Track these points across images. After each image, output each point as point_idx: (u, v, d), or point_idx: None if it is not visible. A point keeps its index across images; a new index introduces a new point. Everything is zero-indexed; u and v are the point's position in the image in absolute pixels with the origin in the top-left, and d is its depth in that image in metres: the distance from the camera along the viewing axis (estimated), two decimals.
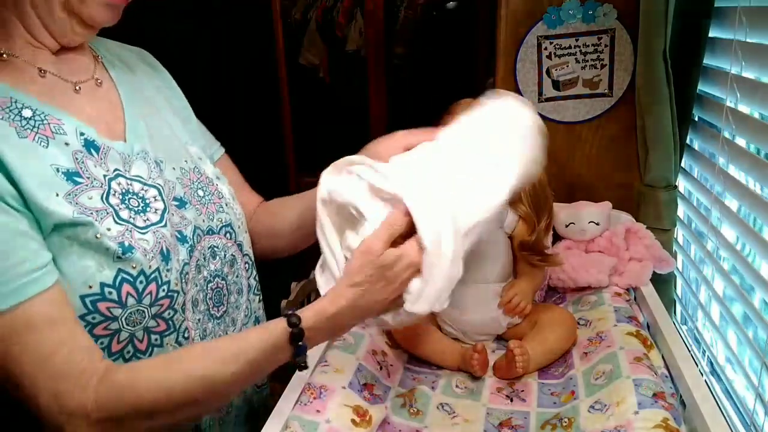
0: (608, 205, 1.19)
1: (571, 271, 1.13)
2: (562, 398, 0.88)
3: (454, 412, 0.88)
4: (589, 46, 1.24)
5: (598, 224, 1.17)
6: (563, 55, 1.25)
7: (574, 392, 0.87)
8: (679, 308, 1.27)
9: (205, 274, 0.82)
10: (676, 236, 1.24)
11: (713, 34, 1.07)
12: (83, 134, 0.73)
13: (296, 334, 0.70)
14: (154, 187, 0.77)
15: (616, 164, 1.29)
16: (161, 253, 0.73)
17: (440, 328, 1.05)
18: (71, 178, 0.69)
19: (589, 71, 1.25)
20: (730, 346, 1.01)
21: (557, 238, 1.22)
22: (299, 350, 0.71)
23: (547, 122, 1.28)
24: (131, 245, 0.70)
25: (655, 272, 1.13)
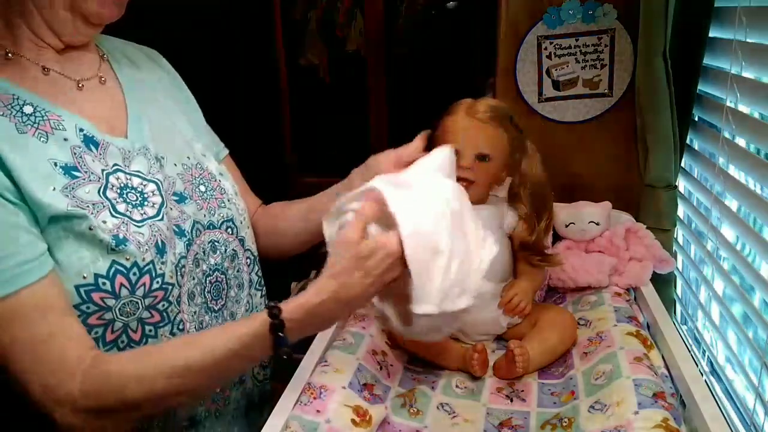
0: (608, 205, 1.19)
1: (571, 271, 1.13)
2: (562, 398, 0.88)
3: (454, 412, 0.88)
4: (589, 46, 1.24)
5: (598, 224, 1.17)
6: (563, 55, 1.25)
7: (574, 392, 0.87)
8: (679, 308, 1.27)
9: (203, 267, 0.83)
10: (676, 236, 1.24)
11: (713, 34, 1.07)
12: (82, 130, 0.74)
13: (276, 324, 0.70)
14: (152, 182, 0.78)
15: (616, 164, 1.28)
16: (156, 246, 0.74)
17: None
18: (69, 172, 0.71)
19: (589, 71, 1.25)
20: (730, 346, 1.01)
21: (557, 238, 1.22)
22: (280, 341, 0.70)
23: (547, 122, 1.29)
24: (125, 238, 0.71)
25: (655, 272, 1.13)
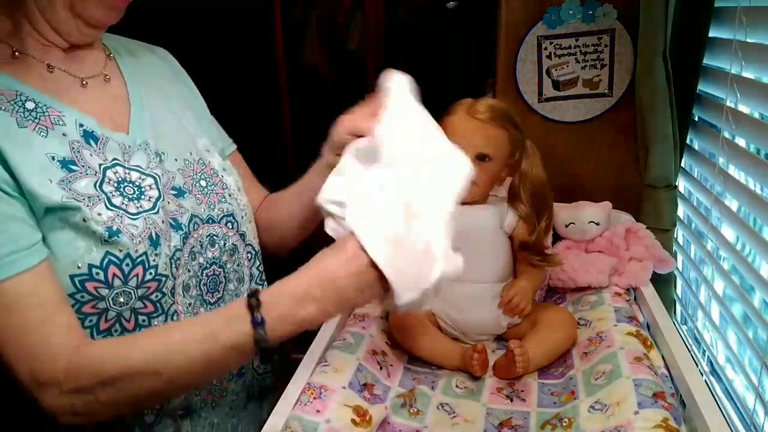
0: (608, 205, 1.19)
1: (571, 271, 1.13)
2: (562, 398, 0.88)
3: (454, 412, 0.88)
4: (589, 46, 1.24)
5: (598, 224, 1.17)
6: (563, 55, 1.25)
7: (574, 392, 0.87)
8: (679, 308, 1.27)
9: (200, 260, 0.85)
10: (676, 236, 1.24)
11: (713, 34, 1.07)
12: (82, 125, 0.77)
13: (253, 305, 0.68)
14: (150, 176, 0.80)
15: (616, 164, 1.29)
16: (150, 238, 0.76)
17: (440, 328, 1.05)
18: (66, 165, 0.73)
19: (589, 71, 1.25)
20: (730, 346, 1.02)
21: (557, 238, 1.22)
22: (257, 322, 0.67)
23: (547, 122, 1.29)
24: (119, 230, 0.73)
25: (655, 272, 1.13)
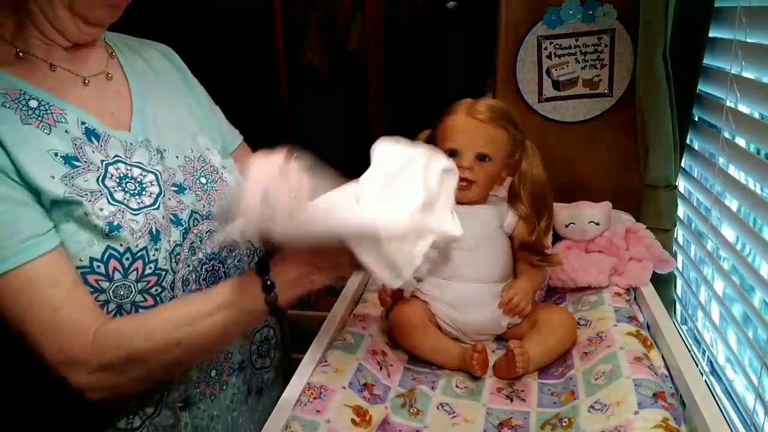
0: (608, 205, 1.19)
1: (571, 271, 1.13)
2: (562, 398, 0.88)
3: (454, 412, 0.88)
4: (589, 46, 1.24)
5: (598, 224, 1.17)
6: (563, 55, 1.25)
7: (574, 392, 0.87)
8: (679, 308, 1.27)
9: (200, 255, 0.86)
10: (676, 236, 1.24)
11: (713, 34, 1.07)
12: (84, 123, 0.79)
13: (261, 267, 0.76)
14: (152, 172, 0.82)
15: (616, 164, 1.29)
16: (150, 233, 0.78)
17: (440, 328, 1.05)
18: (69, 162, 0.75)
19: (589, 71, 1.25)
20: (730, 346, 1.02)
21: (557, 238, 1.22)
22: (267, 287, 0.75)
23: (547, 122, 1.29)
24: (119, 224, 0.75)
25: (655, 272, 1.13)
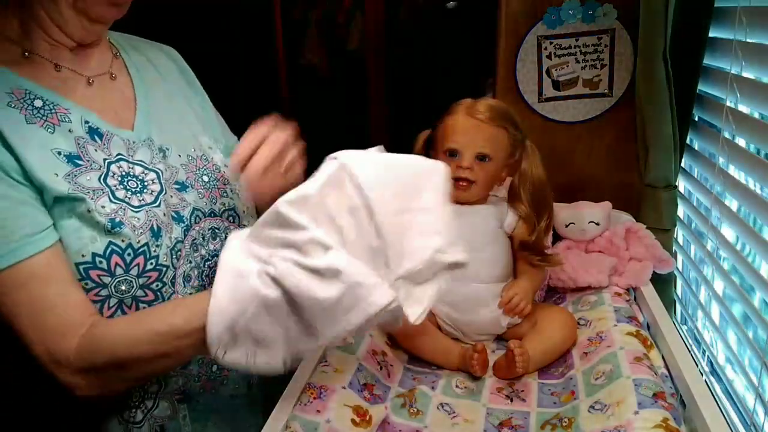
0: (608, 205, 1.19)
1: (571, 271, 1.13)
2: (562, 398, 0.88)
3: (454, 412, 0.88)
4: (589, 46, 1.24)
5: (598, 224, 1.17)
6: (563, 55, 1.25)
7: (574, 392, 0.87)
8: (679, 308, 1.27)
9: (202, 252, 0.87)
10: (676, 236, 1.24)
11: (713, 34, 1.07)
12: (87, 122, 0.80)
13: None
14: (153, 171, 0.83)
15: (616, 164, 1.29)
16: (151, 229, 0.79)
17: (440, 328, 1.05)
18: (72, 160, 0.76)
19: (589, 71, 1.25)
20: (730, 346, 1.02)
21: (557, 238, 1.22)
22: None
23: (547, 122, 1.29)
24: (121, 221, 0.76)
25: (655, 272, 1.13)
